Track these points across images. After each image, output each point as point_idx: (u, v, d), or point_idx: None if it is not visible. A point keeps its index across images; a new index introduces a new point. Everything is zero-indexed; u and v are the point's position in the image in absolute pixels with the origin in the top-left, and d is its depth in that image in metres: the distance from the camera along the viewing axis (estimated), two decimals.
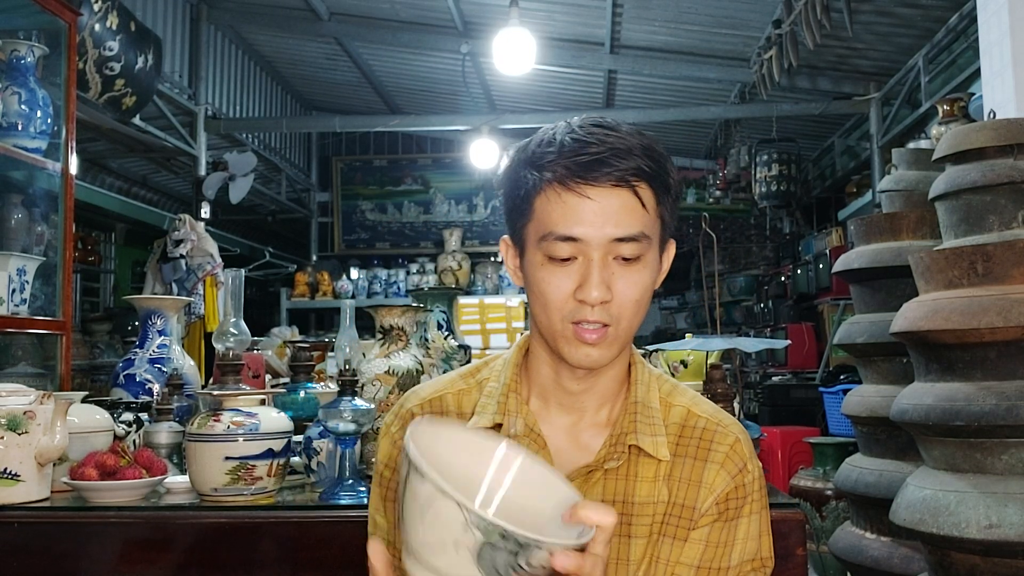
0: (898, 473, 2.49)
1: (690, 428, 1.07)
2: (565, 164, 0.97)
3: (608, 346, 1.00)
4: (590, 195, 0.96)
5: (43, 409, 1.78)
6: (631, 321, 1.01)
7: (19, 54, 2.67)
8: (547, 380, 1.07)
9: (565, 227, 0.97)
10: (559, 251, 0.98)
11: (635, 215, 0.98)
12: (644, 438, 1.04)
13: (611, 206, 0.97)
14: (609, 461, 1.03)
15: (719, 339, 2.45)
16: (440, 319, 2.56)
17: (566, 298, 0.99)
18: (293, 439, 1.84)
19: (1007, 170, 2.12)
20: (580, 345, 0.99)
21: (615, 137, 0.98)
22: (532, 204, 1.00)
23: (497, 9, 5.63)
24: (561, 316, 1.00)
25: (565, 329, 1.00)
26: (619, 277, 0.99)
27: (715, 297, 5.44)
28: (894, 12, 4.96)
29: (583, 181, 0.96)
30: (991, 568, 1.95)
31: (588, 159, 0.96)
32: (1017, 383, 1.98)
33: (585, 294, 0.97)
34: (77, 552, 1.68)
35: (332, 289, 7.91)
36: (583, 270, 0.98)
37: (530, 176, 1.00)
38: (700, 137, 8.43)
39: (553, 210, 0.98)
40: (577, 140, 0.98)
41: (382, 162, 9.30)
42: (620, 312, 0.99)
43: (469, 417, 1.08)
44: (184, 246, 5.22)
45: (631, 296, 0.99)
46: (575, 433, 1.07)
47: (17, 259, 2.55)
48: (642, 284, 1.00)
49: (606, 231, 0.97)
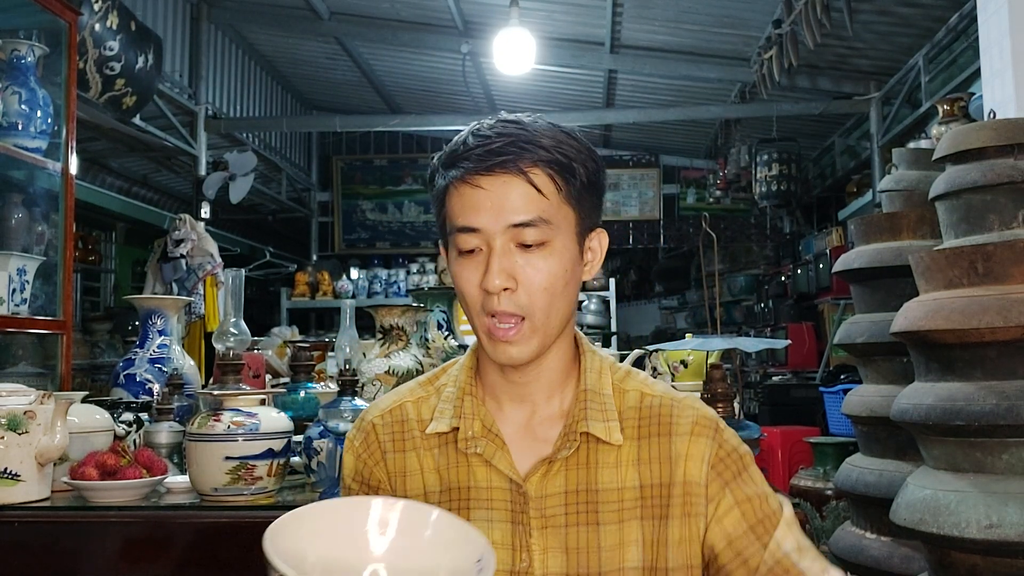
0: (898, 473, 2.49)
1: (647, 409, 1.09)
2: (465, 160, 1.01)
3: (526, 341, 1.02)
4: (483, 185, 1.00)
5: (43, 409, 1.78)
6: (546, 311, 1.02)
7: (19, 54, 2.67)
8: (495, 377, 1.09)
9: (464, 218, 1.01)
10: (464, 243, 1.02)
11: (531, 201, 1.00)
12: (595, 424, 1.05)
13: (504, 194, 1.00)
14: (562, 451, 1.05)
15: (719, 339, 2.46)
16: (440, 319, 2.56)
17: (475, 290, 1.02)
18: (293, 439, 1.84)
19: (1007, 170, 2.12)
20: (497, 343, 1.02)
21: (517, 129, 1.02)
22: (444, 202, 1.04)
23: (497, 9, 5.63)
24: (476, 310, 1.03)
25: (483, 324, 1.03)
26: (524, 264, 1.01)
27: (715, 297, 5.45)
28: (894, 11, 4.96)
29: (477, 172, 1.00)
30: (991, 568, 1.95)
31: (484, 151, 1.00)
32: (1017, 383, 1.98)
33: (487, 282, 1.00)
34: (77, 552, 1.68)
35: (332, 289, 7.91)
36: (487, 260, 1.01)
37: (441, 176, 1.05)
38: (700, 137, 8.43)
39: (455, 204, 1.02)
40: (479, 136, 1.03)
41: (382, 162, 9.30)
42: (531, 301, 1.01)
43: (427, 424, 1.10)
44: (184, 246, 5.22)
45: (539, 283, 1.01)
46: (531, 427, 1.08)
47: (17, 259, 2.55)
48: (549, 271, 1.01)
49: (502, 218, 1.00)
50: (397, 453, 1.10)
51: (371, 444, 1.12)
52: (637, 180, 9.09)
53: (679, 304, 11.19)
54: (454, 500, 1.07)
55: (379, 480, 1.11)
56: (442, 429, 1.08)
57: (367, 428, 1.13)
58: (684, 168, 9.34)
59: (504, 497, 1.05)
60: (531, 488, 1.04)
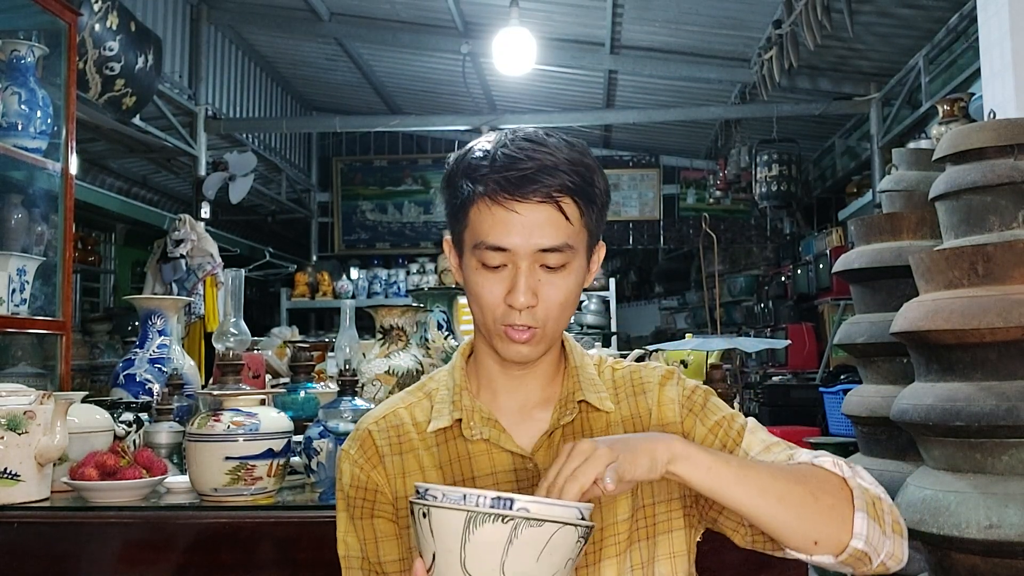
0: (898, 473, 2.49)
1: (620, 380, 1.21)
2: (496, 179, 1.06)
3: (536, 344, 1.11)
4: (517, 210, 1.05)
5: (43, 409, 1.78)
6: (557, 323, 1.11)
7: (19, 54, 2.67)
8: (493, 370, 1.17)
9: (495, 238, 1.06)
10: (490, 259, 1.08)
11: (559, 228, 1.07)
12: (590, 394, 1.16)
13: (537, 220, 1.06)
14: (564, 417, 1.14)
15: (719, 339, 2.46)
16: (440, 319, 2.56)
17: (497, 302, 1.09)
18: (293, 439, 1.84)
19: (1007, 170, 2.12)
20: (511, 343, 1.10)
21: (544, 153, 1.07)
22: (467, 213, 1.09)
23: (497, 9, 5.63)
24: (494, 318, 1.10)
25: (497, 329, 1.10)
26: (545, 284, 1.08)
27: (715, 297, 5.45)
28: (894, 13, 4.97)
29: (511, 197, 1.05)
30: (991, 568, 1.95)
31: (517, 175, 1.05)
32: (1017, 383, 1.98)
33: (513, 299, 1.07)
34: (77, 552, 1.68)
35: (332, 289, 7.92)
36: (512, 277, 1.08)
37: (466, 187, 1.09)
38: (700, 137, 8.44)
39: (484, 221, 1.07)
40: (508, 156, 1.07)
41: (382, 162, 9.30)
42: (546, 315, 1.09)
43: (425, 425, 1.16)
44: (184, 246, 5.22)
45: (556, 300, 1.09)
46: (526, 412, 1.17)
47: (17, 259, 2.55)
48: (567, 289, 1.10)
49: (532, 242, 1.06)
50: (395, 456, 1.15)
51: (368, 450, 1.16)
52: (637, 181, 9.09)
53: (679, 305, 11.19)
54: None
55: (377, 484, 1.14)
56: (444, 424, 1.15)
57: (362, 436, 1.18)
58: (684, 169, 9.34)
59: (510, 479, 1.12)
60: (539, 460, 1.12)
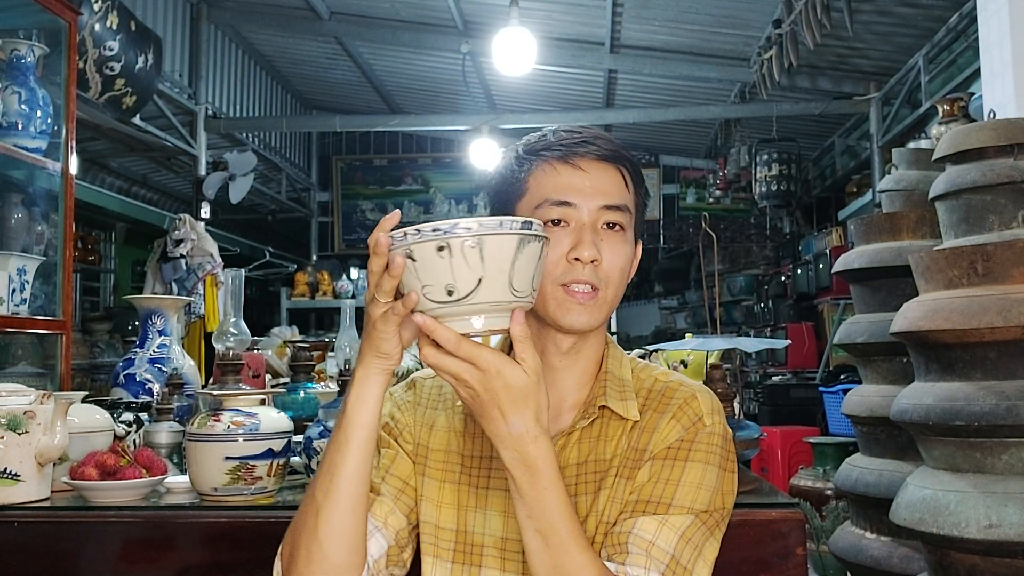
0: (898, 473, 2.49)
1: (656, 391, 1.16)
2: (561, 144, 1.12)
3: (597, 309, 1.10)
4: (582, 166, 1.11)
5: (43, 409, 1.78)
6: (616, 289, 1.12)
7: (19, 54, 2.67)
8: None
9: (560, 193, 1.10)
10: (552, 214, 1.09)
11: (621, 188, 1.12)
12: (614, 401, 1.13)
13: (600, 178, 1.11)
14: (580, 421, 1.13)
15: (719, 339, 2.45)
16: None
17: (558, 260, 1.09)
18: (293, 439, 1.84)
19: (1007, 170, 2.12)
20: (571, 307, 1.09)
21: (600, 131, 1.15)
22: (526, 183, 1.13)
23: (497, 9, 5.63)
24: (553, 279, 1.09)
25: (556, 292, 1.09)
26: (607, 243, 1.10)
27: (715, 297, 5.45)
28: (894, 12, 4.96)
29: (576, 155, 1.11)
30: (991, 568, 1.95)
31: (581, 139, 1.13)
32: (1017, 383, 1.99)
33: (580, 252, 1.08)
34: (77, 552, 1.68)
35: (332, 289, 7.91)
36: (576, 233, 1.09)
37: (526, 161, 1.14)
38: (700, 137, 8.44)
39: (548, 181, 1.11)
40: (568, 131, 1.14)
41: (382, 162, 9.30)
42: (608, 276, 1.10)
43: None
44: (184, 246, 5.22)
45: (616, 263, 1.11)
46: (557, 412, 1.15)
47: (17, 259, 2.55)
48: (624, 254, 1.12)
49: (596, 199, 1.10)
50: (430, 409, 1.20)
51: (411, 393, 1.22)
52: None
53: (679, 304, 11.19)
54: (475, 468, 1.15)
55: (404, 425, 1.19)
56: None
57: (410, 382, 1.24)
58: (684, 168, 9.34)
59: None
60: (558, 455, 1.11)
